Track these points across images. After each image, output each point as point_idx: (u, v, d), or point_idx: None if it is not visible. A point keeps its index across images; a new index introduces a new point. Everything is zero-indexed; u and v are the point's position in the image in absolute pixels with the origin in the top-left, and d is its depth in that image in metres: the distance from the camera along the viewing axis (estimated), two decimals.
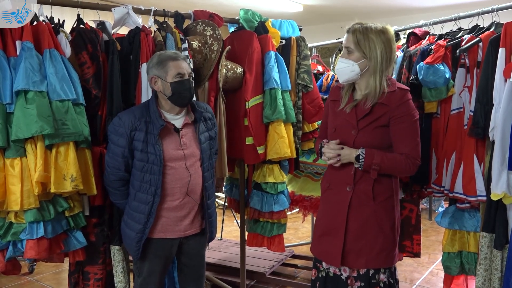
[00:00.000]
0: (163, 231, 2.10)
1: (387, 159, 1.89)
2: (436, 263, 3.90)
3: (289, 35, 2.90)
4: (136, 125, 2.00)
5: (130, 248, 2.13)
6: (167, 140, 2.05)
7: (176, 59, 2.03)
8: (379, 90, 1.89)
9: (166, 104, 2.07)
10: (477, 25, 2.50)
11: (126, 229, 2.12)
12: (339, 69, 1.95)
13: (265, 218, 2.85)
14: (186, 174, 2.07)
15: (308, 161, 3.50)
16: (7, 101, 1.93)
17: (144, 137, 2.00)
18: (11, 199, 1.93)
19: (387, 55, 1.89)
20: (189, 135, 2.11)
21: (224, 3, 5.71)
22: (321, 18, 6.70)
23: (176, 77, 2.01)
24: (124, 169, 2.06)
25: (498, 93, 2.12)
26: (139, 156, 2.02)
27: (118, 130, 2.02)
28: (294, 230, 4.94)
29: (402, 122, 1.90)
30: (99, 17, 2.36)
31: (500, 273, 2.19)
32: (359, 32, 1.89)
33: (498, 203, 2.17)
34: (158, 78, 2.04)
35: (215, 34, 2.56)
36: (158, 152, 2.00)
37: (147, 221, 2.04)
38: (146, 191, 2.02)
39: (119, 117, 2.05)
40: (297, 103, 2.87)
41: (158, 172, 2.00)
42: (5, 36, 1.97)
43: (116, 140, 2.03)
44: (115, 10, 2.35)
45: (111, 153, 2.06)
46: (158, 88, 2.05)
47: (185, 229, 2.13)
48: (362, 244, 1.93)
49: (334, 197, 2.00)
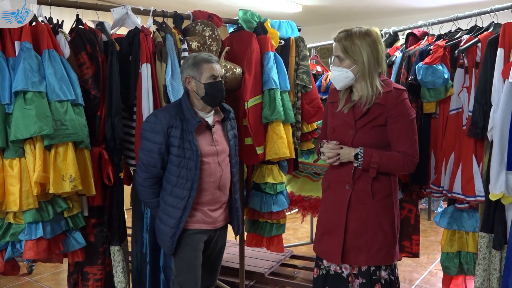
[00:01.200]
0: (197, 222, 2.16)
1: (385, 157, 1.93)
2: (435, 263, 3.90)
3: (288, 36, 2.90)
4: (172, 122, 2.07)
5: (163, 244, 2.17)
6: (202, 136, 2.13)
7: (211, 61, 2.12)
8: (372, 92, 1.93)
9: (199, 103, 2.15)
10: (476, 26, 2.50)
11: (160, 225, 2.15)
12: (334, 77, 2.00)
13: (264, 219, 2.85)
14: (219, 169, 2.16)
15: (307, 162, 3.50)
16: (6, 102, 1.93)
17: (180, 133, 2.07)
18: (10, 199, 1.93)
19: (374, 57, 1.93)
20: (219, 132, 2.21)
21: (223, 4, 5.71)
22: (320, 19, 6.70)
23: (209, 79, 2.10)
24: (160, 166, 2.10)
25: (497, 93, 2.12)
26: (176, 152, 2.08)
27: (155, 127, 2.06)
28: (293, 230, 4.94)
29: (398, 121, 1.94)
30: (98, 17, 2.36)
31: (499, 273, 2.19)
32: (344, 39, 1.93)
33: (496, 203, 2.18)
34: (192, 79, 2.11)
35: (214, 35, 2.56)
36: (195, 148, 2.06)
37: (182, 216, 2.09)
38: (183, 186, 2.08)
39: (155, 115, 2.10)
40: (296, 104, 2.87)
41: (195, 167, 2.07)
42: (4, 36, 1.97)
43: (152, 137, 2.07)
44: (114, 11, 2.35)
45: (146, 151, 2.10)
46: (192, 88, 2.13)
47: (216, 221, 2.21)
48: (362, 242, 1.97)
49: (334, 196, 2.04)
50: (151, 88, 2.30)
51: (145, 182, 2.13)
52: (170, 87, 2.34)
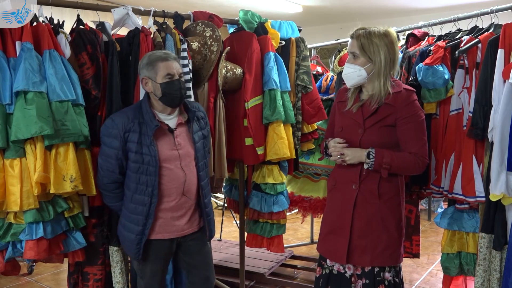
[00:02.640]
0: (161, 232, 2.10)
1: (397, 158, 1.93)
2: (435, 263, 3.90)
3: (288, 36, 2.90)
4: (129, 126, 1.99)
5: (129, 251, 2.12)
6: (162, 140, 2.04)
7: (166, 59, 2.02)
8: (384, 92, 1.94)
9: (158, 105, 2.06)
10: (476, 26, 2.50)
11: (124, 232, 2.10)
12: (346, 74, 1.99)
13: (264, 219, 2.85)
14: (182, 174, 2.07)
15: (308, 162, 3.50)
16: (6, 102, 1.93)
17: (138, 138, 1.99)
18: (11, 199, 1.93)
19: (390, 58, 1.93)
20: (183, 135, 2.11)
21: (223, 4, 5.72)
22: (320, 19, 6.71)
23: (166, 78, 2.00)
24: (118, 172, 2.05)
25: (497, 94, 2.13)
26: (134, 158, 2.01)
27: (111, 132, 2.00)
28: (293, 230, 4.94)
29: (409, 122, 1.94)
30: (98, 17, 2.36)
31: (499, 274, 2.19)
32: (363, 37, 1.93)
33: (497, 204, 2.18)
34: (148, 79, 2.03)
35: (214, 35, 2.56)
36: (153, 153, 1.99)
37: (146, 222, 2.04)
38: (143, 192, 2.01)
39: (111, 119, 2.03)
40: (297, 104, 2.88)
41: (154, 173, 2.00)
42: (5, 36, 1.97)
43: (109, 142, 2.01)
44: (115, 11, 2.35)
45: (104, 155, 2.04)
46: (149, 89, 2.05)
47: (182, 228, 2.13)
48: (367, 242, 1.96)
49: (340, 196, 2.03)
50: None
51: (106, 186, 2.08)
52: None
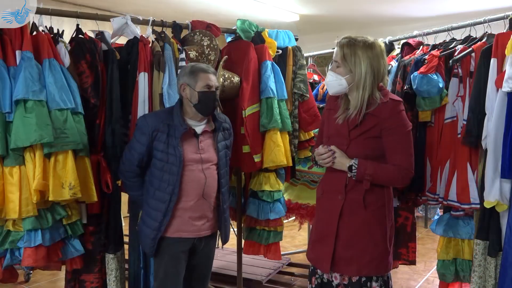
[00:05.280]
0: (178, 231, 2.17)
1: (380, 169, 1.89)
2: (432, 270, 3.91)
3: (285, 45, 2.93)
4: (159, 126, 2.12)
5: (145, 246, 2.19)
6: (187, 143, 2.15)
7: (207, 72, 2.17)
8: (361, 104, 1.88)
9: (191, 111, 2.18)
10: (470, 36, 2.54)
11: (143, 227, 2.19)
12: (328, 81, 1.97)
13: (261, 226, 2.86)
14: (202, 177, 2.17)
15: (305, 169, 3.51)
16: (6, 110, 1.95)
17: (166, 138, 2.12)
18: (10, 207, 1.94)
19: (373, 70, 1.87)
20: (207, 141, 2.22)
21: (221, 13, 5.76)
22: (317, 28, 6.76)
23: (204, 88, 2.14)
24: (136, 164, 2.16)
25: (491, 102, 2.15)
26: (160, 156, 2.13)
27: (142, 129, 2.14)
28: (290, 238, 4.94)
29: (394, 133, 1.89)
30: (98, 27, 2.39)
31: (494, 280, 2.21)
32: (346, 47, 1.90)
33: (491, 210, 2.19)
34: (187, 86, 2.16)
35: (212, 44, 2.59)
36: (179, 154, 2.10)
37: (163, 219, 2.12)
38: (165, 189, 2.11)
39: (144, 117, 2.19)
40: (293, 112, 2.90)
41: (177, 173, 2.10)
42: (5, 45, 2.00)
43: (138, 136, 2.15)
44: (114, 20, 2.38)
45: (130, 146, 2.19)
46: (186, 95, 2.17)
47: (199, 230, 2.21)
48: (353, 252, 1.92)
49: (326, 204, 2.01)
50: (147, 97, 2.34)
51: (125, 173, 2.22)
52: (166, 95, 2.37)
